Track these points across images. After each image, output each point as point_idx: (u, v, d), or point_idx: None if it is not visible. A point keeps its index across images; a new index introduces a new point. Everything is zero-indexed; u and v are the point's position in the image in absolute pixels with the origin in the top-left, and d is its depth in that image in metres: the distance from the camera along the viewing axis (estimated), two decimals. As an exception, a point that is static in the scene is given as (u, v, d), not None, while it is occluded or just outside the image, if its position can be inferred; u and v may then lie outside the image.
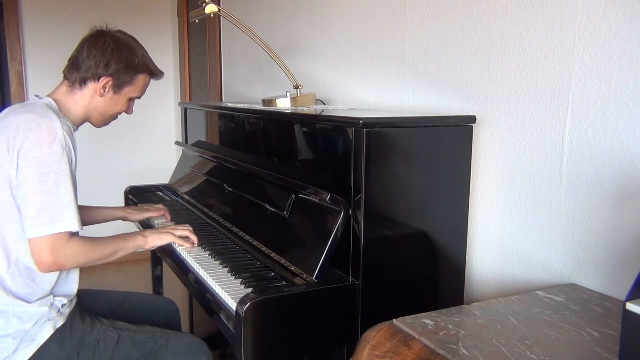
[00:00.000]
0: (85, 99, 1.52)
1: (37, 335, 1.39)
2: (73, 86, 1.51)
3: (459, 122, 1.43)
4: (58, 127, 1.36)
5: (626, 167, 1.15)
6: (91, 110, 1.54)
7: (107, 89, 1.52)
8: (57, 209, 1.32)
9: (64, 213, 1.33)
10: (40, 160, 1.32)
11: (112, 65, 1.49)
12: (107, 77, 1.50)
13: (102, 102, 1.53)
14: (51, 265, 1.34)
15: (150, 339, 1.51)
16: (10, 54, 3.66)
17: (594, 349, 0.92)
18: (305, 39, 2.30)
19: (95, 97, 1.52)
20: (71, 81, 1.51)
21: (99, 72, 1.49)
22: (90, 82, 1.50)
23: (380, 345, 0.97)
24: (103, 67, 1.49)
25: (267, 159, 1.81)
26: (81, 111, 1.53)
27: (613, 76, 1.16)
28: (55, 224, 1.32)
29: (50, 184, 1.32)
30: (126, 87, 1.55)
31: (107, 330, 1.48)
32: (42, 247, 1.32)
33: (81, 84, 1.50)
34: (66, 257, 1.35)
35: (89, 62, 1.48)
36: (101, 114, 1.56)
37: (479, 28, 1.47)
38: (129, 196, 2.46)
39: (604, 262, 1.20)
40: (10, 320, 1.37)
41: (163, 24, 4.06)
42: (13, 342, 1.36)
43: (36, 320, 1.39)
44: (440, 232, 1.43)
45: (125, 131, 3.98)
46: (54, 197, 1.32)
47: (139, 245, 1.57)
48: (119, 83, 1.52)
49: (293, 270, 1.40)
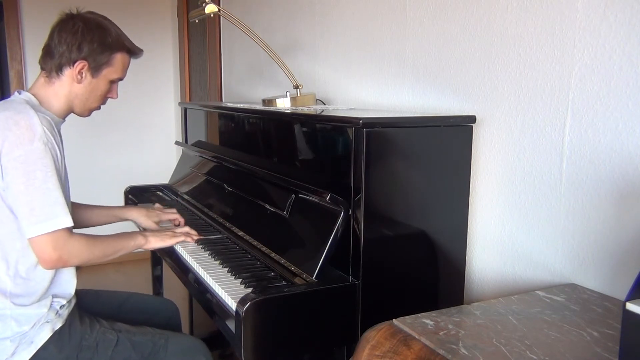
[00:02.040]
0: (65, 87, 1.46)
1: (36, 338, 1.38)
2: (50, 76, 1.46)
3: (459, 122, 1.43)
4: (37, 123, 1.32)
5: (626, 167, 1.15)
6: (72, 99, 1.48)
7: (85, 74, 1.45)
8: (50, 206, 1.31)
9: (56, 210, 1.32)
10: (24, 159, 1.29)
11: (84, 47, 1.43)
12: (81, 61, 1.43)
13: (82, 88, 1.47)
14: (56, 262, 1.34)
15: (150, 340, 1.50)
16: (10, 54, 3.66)
17: (594, 349, 0.92)
18: (305, 39, 2.30)
19: (74, 84, 1.46)
20: (47, 71, 1.46)
21: (73, 57, 1.43)
22: (65, 68, 1.44)
23: (380, 345, 0.97)
24: (76, 51, 1.42)
25: (267, 159, 1.81)
26: (63, 101, 1.47)
27: (613, 76, 1.16)
28: (50, 221, 1.31)
29: (38, 181, 1.30)
30: (104, 68, 1.48)
31: (106, 332, 1.47)
32: (44, 245, 1.31)
33: (57, 72, 1.44)
34: (69, 253, 1.35)
35: (61, 48, 1.43)
36: (83, 101, 1.50)
37: (479, 28, 1.47)
38: (129, 196, 2.46)
39: (604, 262, 1.20)
40: (8, 323, 1.36)
41: (163, 24, 4.06)
42: (11, 344, 1.36)
43: (34, 322, 1.38)
44: (440, 232, 1.42)
45: (125, 131, 3.99)
46: (44, 195, 1.30)
47: (139, 245, 1.57)
48: (96, 65, 1.46)
49: (293, 270, 1.40)
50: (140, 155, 4.09)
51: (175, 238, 1.65)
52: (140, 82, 3.94)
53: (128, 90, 3.88)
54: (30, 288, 1.39)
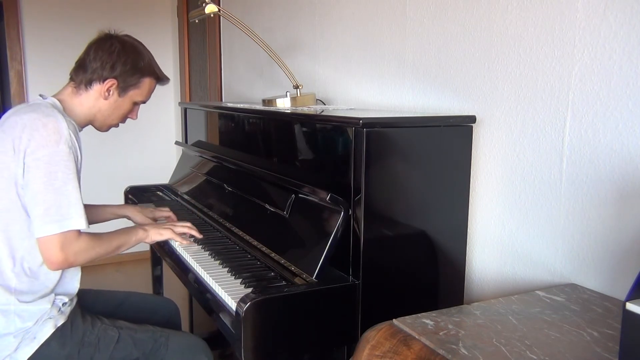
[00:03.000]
0: (90, 100, 1.53)
1: (38, 334, 1.39)
2: (78, 88, 1.52)
3: (459, 122, 1.43)
4: (64, 126, 1.37)
5: (626, 167, 1.15)
6: (95, 113, 1.55)
7: (112, 92, 1.53)
8: (66, 207, 1.34)
9: (72, 211, 1.34)
10: (48, 159, 1.33)
11: (118, 67, 1.50)
12: (112, 79, 1.51)
13: (107, 104, 1.54)
14: (62, 263, 1.36)
15: (151, 337, 1.51)
16: (10, 54, 3.65)
17: (594, 349, 0.92)
18: (305, 39, 2.30)
19: (100, 99, 1.53)
20: (77, 83, 1.52)
21: (105, 74, 1.50)
22: (95, 83, 1.51)
23: (380, 345, 0.97)
24: (109, 69, 1.50)
25: (267, 159, 1.81)
26: (85, 112, 1.54)
27: (613, 76, 1.16)
28: (64, 222, 1.33)
29: (59, 182, 1.33)
30: (131, 90, 1.55)
31: (108, 329, 1.48)
32: (52, 246, 1.33)
33: (87, 85, 1.51)
34: (75, 253, 1.36)
35: (95, 64, 1.50)
36: (105, 117, 1.57)
37: (479, 28, 1.47)
38: (129, 196, 2.46)
39: (604, 262, 1.21)
40: (12, 319, 1.38)
41: (163, 24, 4.06)
42: (14, 340, 1.37)
43: (37, 318, 1.40)
44: (440, 232, 1.43)
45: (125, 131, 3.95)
46: (62, 196, 1.33)
47: (140, 238, 1.60)
48: (124, 86, 1.53)
49: (293, 270, 1.40)
50: (140, 155, 4.09)
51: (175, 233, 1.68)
52: (140, 82, 3.93)
53: (128, 90, 3.89)
54: (34, 286, 1.40)
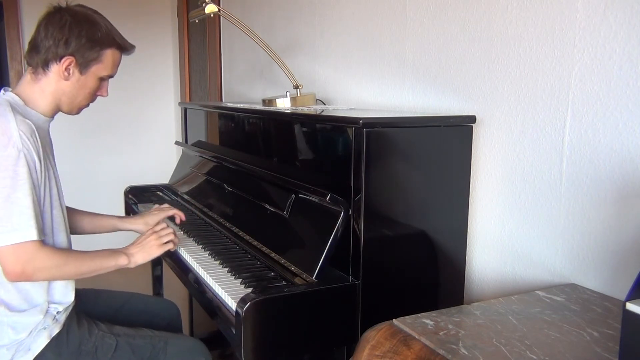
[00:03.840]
0: (51, 84, 1.38)
1: (33, 345, 1.34)
2: (36, 72, 1.38)
3: (459, 122, 1.43)
4: (13, 128, 1.25)
5: (626, 167, 1.15)
6: (59, 97, 1.40)
7: (72, 70, 1.38)
8: (17, 216, 1.23)
9: (22, 221, 1.23)
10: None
11: (72, 42, 1.35)
12: (69, 57, 1.35)
13: (69, 85, 1.39)
14: (19, 275, 1.26)
15: (149, 343, 1.48)
16: (10, 54, 3.66)
17: (594, 349, 0.92)
18: (305, 39, 2.30)
19: (61, 81, 1.38)
20: (33, 67, 1.37)
21: (60, 52, 1.35)
22: (52, 64, 1.36)
23: (380, 345, 0.97)
24: (63, 46, 1.34)
25: (267, 159, 1.81)
26: (49, 99, 1.39)
27: (613, 76, 1.16)
28: (15, 232, 1.23)
29: (7, 189, 1.22)
30: (93, 65, 1.39)
31: (105, 336, 1.44)
32: (8, 257, 1.24)
33: (43, 67, 1.36)
34: (34, 268, 1.26)
35: (47, 42, 1.34)
36: (70, 99, 1.42)
37: (479, 28, 1.47)
38: (129, 196, 2.46)
39: (604, 262, 1.20)
40: (5, 331, 1.32)
41: (163, 24, 4.06)
42: (7, 353, 1.32)
43: (31, 329, 1.34)
44: (440, 232, 1.42)
45: (125, 131, 3.99)
46: (12, 204, 1.22)
47: (121, 265, 1.45)
48: (84, 61, 1.38)
49: (293, 270, 1.40)
50: (140, 155, 4.09)
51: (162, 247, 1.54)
52: (140, 82, 3.94)
53: (128, 90, 3.90)
54: (23, 296, 1.35)
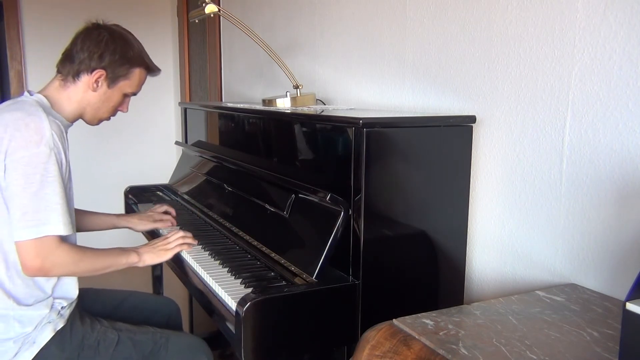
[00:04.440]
0: (79, 93, 1.46)
1: (38, 338, 1.37)
2: (66, 80, 1.46)
3: (459, 122, 1.43)
4: (46, 127, 1.31)
5: (626, 167, 1.15)
6: (84, 106, 1.49)
7: (101, 83, 1.46)
8: (43, 212, 1.28)
9: (51, 216, 1.28)
10: (26, 161, 1.27)
11: (106, 57, 1.44)
12: (100, 70, 1.44)
13: (96, 97, 1.48)
14: (37, 270, 1.30)
15: (151, 339, 1.50)
16: (10, 54, 3.66)
17: (594, 349, 0.92)
18: (305, 39, 2.30)
19: (89, 91, 1.47)
20: (64, 75, 1.46)
21: (93, 65, 1.44)
22: (83, 75, 1.45)
23: (380, 345, 0.97)
24: (97, 59, 1.44)
25: (267, 159, 1.81)
26: (74, 106, 1.48)
27: (613, 76, 1.16)
28: (41, 227, 1.27)
29: (36, 185, 1.27)
30: (121, 81, 1.49)
31: (107, 331, 1.47)
32: (28, 251, 1.28)
33: (74, 77, 1.45)
34: (53, 263, 1.30)
35: (82, 55, 1.43)
36: (95, 109, 1.50)
37: (479, 28, 1.47)
38: (129, 196, 2.46)
39: (604, 262, 1.20)
40: (11, 324, 1.36)
41: (163, 24, 4.06)
42: (14, 345, 1.35)
43: (37, 323, 1.38)
44: (440, 232, 1.43)
45: (125, 131, 3.99)
46: (39, 200, 1.27)
47: (132, 262, 1.50)
48: (113, 76, 1.47)
49: (293, 270, 1.40)
50: (140, 155, 4.09)
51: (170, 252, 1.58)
52: (140, 82, 3.94)
53: (128, 90, 3.89)
54: (31, 290, 1.38)
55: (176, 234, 1.61)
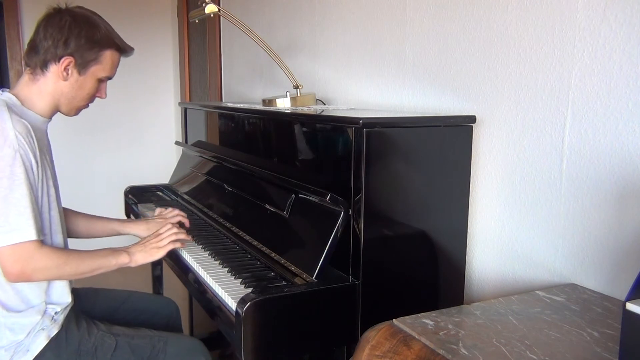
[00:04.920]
0: (49, 85, 1.38)
1: (32, 346, 1.34)
2: (34, 73, 1.38)
3: (459, 122, 1.43)
4: (9, 128, 1.25)
5: (626, 167, 1.15)
6: (58, 97, 1.40)
7: (71, 71, 1.38)
8: (14, 216, 1.23)
9: (20, 221, 1.23)
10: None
11: (71, 43, 1.35)
12: (68, 57, 1.36)
13: (68, 86, 1.39)
14: (18, 276, 1.26)
15: (149, 343, 1.48)
16: (10, 54, 3.66)
17: (594, 349, 0.92)
18: (305, 39, 2.30)
19: (59, 81, 1.38)
20: (32, 67, 1.38)
21: (59, 52, 1.35)
22: (51, 64, 1.36)
23: (380, 345, 0.97)
24: (62, 46, 1.35)
25: (267, 159, 1.81)
26: (47, 100, 1.40)
27: (613, 76, 1.16)
28: (13, 233, 1.23)
29: (4, 190, 1.22)
30: (92, 65, 1.40)
31: (105, 336, 1.44)
32: (6, 257, 1.24)
33: (42, 68, 1.37)
34: (33, 268, 1.26)
35: (46, 43, 1.35)
36: (69, 99, 1.42)
37: (479, 28, 1.47)
38: (129, 196, 2.46)
39: (604, 262, 1.21)
40: (3, 332, 1.32)
41: (163, 24, 4.06)
42: (6, 354, 1.32)
43: (29, 330, 1.34)
44: (440, 232, 1.42)
45: (125, 131, 3.99)
46: (9, 205, 1.22)
47: (122, 263, 1.44)
48: (83, 62, 1.38)
49: (293, 270, 1.40)
50: (140, 155, 4.09)
51: (163, 250, 1.53)
52: (140, 82, 3.94)
53: (128, 90, 3.89)
54: (20, 296, 1.34)
55: (169, 230, 1.57)
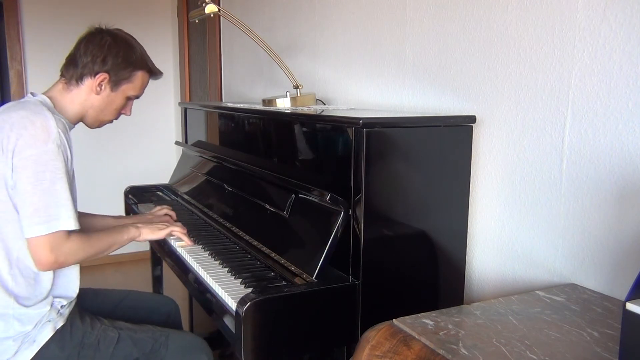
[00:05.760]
0: (82, 96, 1.49)
1: (38, 337, 1.38)
2: (69, 83, 1.49)
3: (459, 122, 1.43)
4: (52, 125, 1.34)
5: (626, 167, 1.15)
6: (87, 109, 1.52)
7: (104, 86, 1.49)
8: (54, 207, 1.31)
9: (61, 212, 1.32)
10: (35, 159, 1.30)
11: (109, 61, 1.47)
12: (103, 73, 1.48)
13: (99, 100, 1.51)
14: (52, 264, 1.34)
15: (151, 337, 1.51)
16: (10, 54, 3.66)
17: (594, 349, 0.92)
18: (305, 39, 2.30)
19: (92, 94, 1.49)
20: (68, 78, 1.49)
21: (96, 68, 1.47)
22: (86, 78, 1.48)
23: (380, 345, 0.97)
24: (100, 63, 1.47)
25: (267, 159, 1.81)
26: (77, 109, 1.51)
27: (613, 76, 1.16)
28: (52, 222, 1.31)
29: (47, 182, 1.31)
30: (124, 84, 1.52)
31: (107, 329, 1.48)
32: (41, 247, 1.31)
33: (78, 80, 1.48)
34: (66, 254, 1.35)
35: (85, 58, 1.47)
36: (97, 112, 1.53)
37: (479, 28, 1.47)
38: (129, 196, 2.46)
39: (604, 262, 1.21)
40: (11, 323, 1.37)
41: (163, 24, 4.06)
42: (14, 344, 1.36)
43: (36, 322, 1.39)
44: (440, 232, 1.43)
45: (125, 131, 3.99)
46: (50, 196, 1.31)
47: (132, 237, 1.59)
48: (116, 79, 1.50)
49: (293, 270, 1.40)
50: (140, 155, 4.09)
51: (166, 230, 1.67)
52: (140, 82, 3.94)
53: (128, 90, 3.89)
54: (32, 288, 1.39)
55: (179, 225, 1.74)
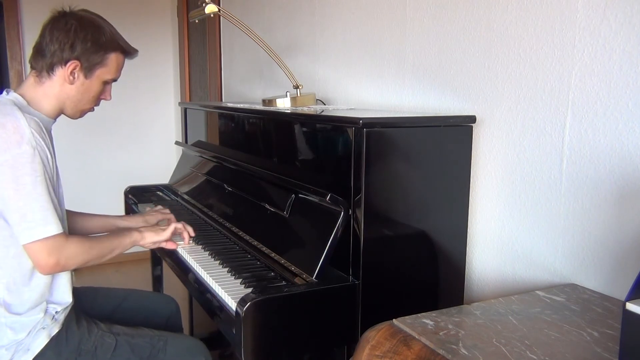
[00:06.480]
0: (55, 88, 1.39)
1: (32, 345, 1.34)
2: (40, 76, 1.39)
3: (459, 122, 1.43)
4: (24, 125, 1.26)
5: (626, 167, 1.15)
6: (64, 100, 1.42)
7: (77, 74, 1.39)
8: (40, 211, 1.27)
9: (47, 215, 1.27)
10: (12, 163, 1.24)
11: (77, 46, 1.36)
12: (74, 61, 1.37)
13: (74, 89, 1.41)
14: (53, 267, 1.31)
15: (149, 342, 1.48)
16: (10, 54, 3.66)
17: (594, 349, 0.92)
18: (305, 39, 2.30)
19: (65, 84, 1.39)
20: (38, 70, 1.39)
21: (65, 56, 1.36)
22: (57, 68, 1.37)
23: (380, 345, 0.97)
24: (68, 50, 1.36)
25: (267, 159, 1.81)
26: (53, 103, 1.41)
27: (613, 76, 1.16)
28: (43, 227, 1.27)
29: (28, 187, 1.25)
30: (97, 69, 1.41)
31: (105, 335, 1.45)
32: (38, 251, 1.28)
33: (48, 71, 1.38)
34: (67, 257, 1.32)
35: (52, 46, 1.36)
36: (75, 103, 1.43)
37: (479, 28, 1.47)
38: (129, 196, 2.46)
39: (604, 262, 1.21)
40: (4, 331, 1.33)
41: (163, 24, 4.06)
42: (7, 353, 1.32)
43: (30, 329, 1.35)
44: (440, 232, 1.42)
45: (125, 131, 3.99)
46: (34, 200, 1.26)
47: (135, 241, 1.54)
48: (89, 65, 1.39)
49: (293, 270, 1.40)
50: (140, 155, 4.09)
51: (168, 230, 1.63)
52: (140, 82, 3.94)
53: (128, 90, 3.89)
54: (25, 296, 1.35)
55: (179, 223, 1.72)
